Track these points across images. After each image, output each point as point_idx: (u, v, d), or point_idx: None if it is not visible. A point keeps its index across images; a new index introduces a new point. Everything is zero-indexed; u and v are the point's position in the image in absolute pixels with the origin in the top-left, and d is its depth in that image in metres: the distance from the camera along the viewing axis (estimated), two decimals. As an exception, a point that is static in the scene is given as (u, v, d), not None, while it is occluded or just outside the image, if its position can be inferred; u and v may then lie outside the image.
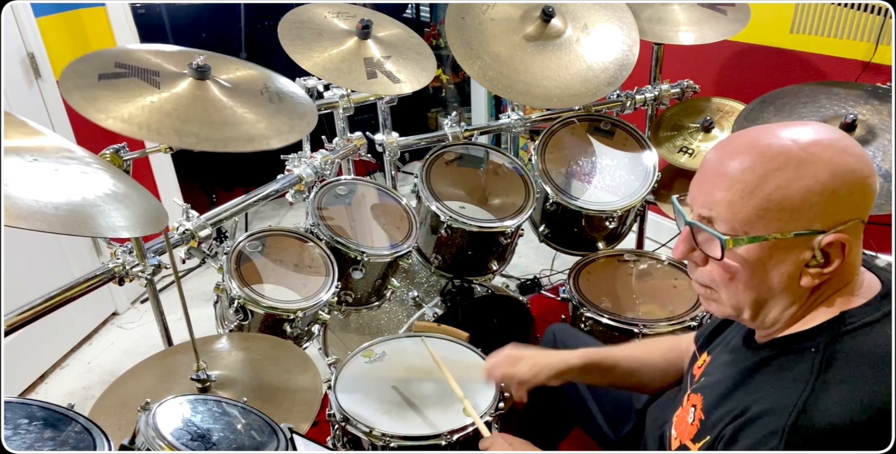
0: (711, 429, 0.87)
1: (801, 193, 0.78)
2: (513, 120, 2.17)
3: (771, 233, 0.80)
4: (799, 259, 0.81)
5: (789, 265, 0.82)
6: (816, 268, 0.81)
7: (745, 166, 0.80)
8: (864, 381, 0.77)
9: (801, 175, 0.78)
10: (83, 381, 2.40)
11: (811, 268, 0.82)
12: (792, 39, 2.37)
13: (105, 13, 2.60)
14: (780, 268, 0.82)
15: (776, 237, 0.80)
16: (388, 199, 1.92)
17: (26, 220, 0.87)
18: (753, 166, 0.80)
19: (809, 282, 0.82)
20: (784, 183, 0.78)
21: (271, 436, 1.07)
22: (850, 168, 0.78)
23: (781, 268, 0.82)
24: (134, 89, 1.29)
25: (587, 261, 2.00)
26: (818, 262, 0.81)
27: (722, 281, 0.87)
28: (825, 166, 0.77)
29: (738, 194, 0.80)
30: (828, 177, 0.77)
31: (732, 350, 0.97)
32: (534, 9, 1.91)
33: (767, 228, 0.80)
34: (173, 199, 1.97)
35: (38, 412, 0.98)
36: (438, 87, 4.24)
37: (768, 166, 0.79)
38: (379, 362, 1.53)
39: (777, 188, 0.78)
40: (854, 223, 0.80)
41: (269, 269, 1.63)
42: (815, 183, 0.77)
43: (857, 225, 0.80)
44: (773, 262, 0.82)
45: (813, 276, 0.82)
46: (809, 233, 0.79)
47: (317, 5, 1.82)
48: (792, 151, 0.79)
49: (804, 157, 0.78)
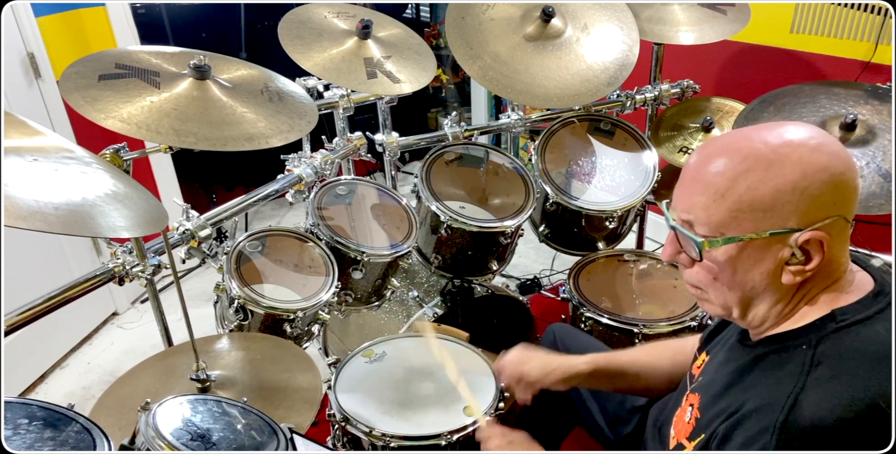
0: (706, 428, 0.88)
1: (771, 193, 0.79)
2: (513, 120, 2.17)
3: (746, 234, 0.82)
4: (778, 257, 0.83)
5: (769, 263, 0.83)
6: (797, 266, 0.83)
7: (718, 170, 0.82)
8: (855, 378, 0.78)
9: (770, 176, 0.79)
10: (83, 381, 2.40)
11: (791, 266, 0.83)
12: (792, 39, 2.37)
13: (105, 13, 2.60)
14: (759, 266, 0.84)
15: (751, 237, 0.82)
16: (388, 199, 1.92)
17: (26, 220, 0.87)
18: (724, 170, 0.82)
19: (791, 280, 0.83)
20: (754, 184, 0.80)
21: (271, 436, 1.07)
22: (822, 166, 0.79)
23: (761, 267, 0.84)
24: (134, 89, 1.29)
25: (587, 261, 2.00)
26: (798, 260, 0.82)
27: (707, 281, 0.89)
28: (795, 166, 0.79)
29: (711, 197, 0.83)
30: (798, 176, 0.79)
31: (728, 349, 0.98)
32: (534, 9, 1.91)
33: (742, 229, 0.82)
34: (173, 199, 1.97)
35: (38, 412, 0.98)
36: (438, 87, 4.24)
37: (738, 169, 0.81)
38: (379, 362, 1.53)
39: (747, 189, 0.80)
40: (834, 220, 0.81)
41: (269, 269, 1.63)
42: (785, 182, 0.79)
43: (837, 222, 0.81)
44: (751, 261, 0.84)
45: (794, 274, 0.83)
46: (785, 232, 0.81)
47: (317, 5, 1.82)
48: (761, 153, 0.81)
49: (773, 158, 0.80)
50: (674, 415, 1.03)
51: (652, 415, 1.25)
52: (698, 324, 1.73)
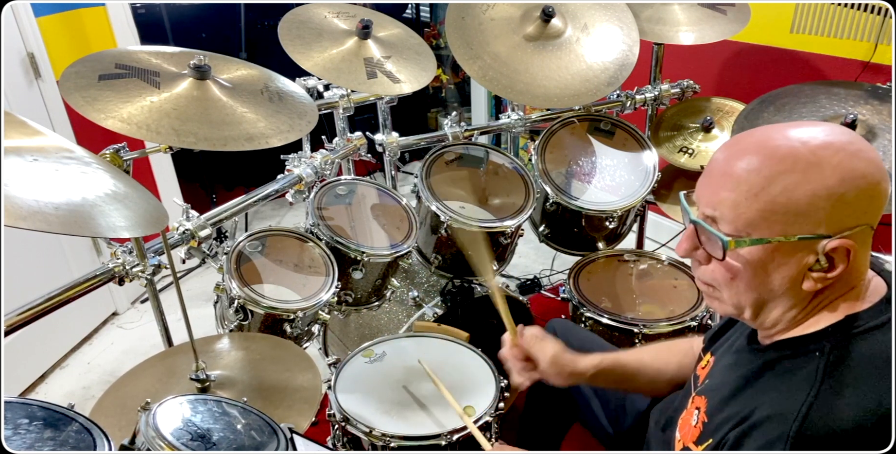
0: (714, 433, 0.87)
1: (807, 197, 0.76)
2: (513, 120, 2.17)
3: (774, 237, 0.79)
4: (802, 263, 0.80)
5: (792, 268, 0.81)
6: (820, 273, 0.80)
7: (752, 167, 0.79)
8: (869, 386, 0.77)
9: (808, 179, 0.76)
10: (83, 381, 2.40)
11: (814, 273, 0.81)
12: (792, 39, 2.37)
13: (105, 13, 2.60)
14: (782, 270, 0.82)
15: (780, 240, 0.79)
16: (388, 199, 1.92)
17: (26, 220, 0.87)
18: (760, 168, 0.79)
19: (812, 287, 0.81)
20: (791, 186, 0.77)
21: (271, 436, 1.07)
22: (860, 173, 0.76)
23: (784, 271, 0.82)
24: (134, 89, 1.29)
25: (587, 261, 2.00)
26: (822, 267, 0.80)
27: (724, 280, 0.87)
28: (834, 170, 0.76)
29: (743, 195, 0.79)
30: (836, 181, 0.76)
31: (736, 351, 0.97)
32: (534, 9, 1.91)
33: (771, 231, 0.79)
34: (173, 199, 1.97)
35: (38, 412, 0.98)
36: (438, 87, 4.24)
37: (775, 168, 0.78)
38: (379, 362, 1.53)
39: (783, 191, 0.77)
40: (862, 229, 0.79)
41: (269, 269, 1.63)
42: (823, 187, 0.76)
43: (864, 230, 0.79)
44: (774, 265, 0.81)
45: (816, 281, 0.81)
46: (814, 238, 0.78)
47: (317, 5, 1.82)
48: (800, 154, 0.77)
49: (812, 160, 0.77)
50: (679, 418, 1.02)
51: (654, 416, 1.24)
52: (698, 324, 1.73)
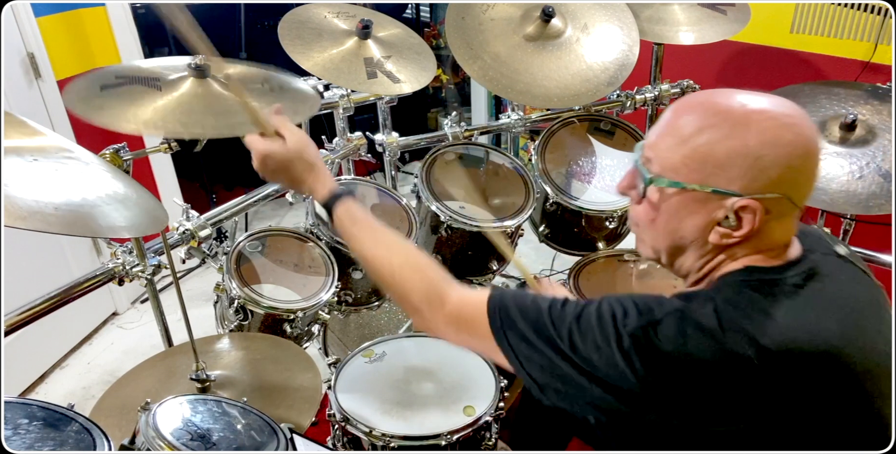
0: None
1: (726, 152, 0.82)
2: (513, 120, 2.17)
3: (690, 183, 0.85)
4: (712, 216, 0.85)
5: (701, 218, 0.86)
6: (726, 229, 0.85)
7: (689, 118, 0.85)
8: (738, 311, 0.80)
9: (731, 135, 0.82)
10: (83, 381, 2.40)
11: (721, 228, 0.86)
12: (792, 39, 2.37)
13: (105, 13, 2.60)
14: (692, 219, 0.87)
15: (694, 188, 0.85)
16: (388, 199, 1.92)
17: (26, 220, 0.87)
18: (695, 119, 0.85)
19: (717, 240, 0.86)
20: (714, 139, 0.82)
21: (271, 437, 1.07)
22: (785, 142, 0.81)
23: (694, 220, 0.87)
24: (137, 95, 1.29)
25: (587, 261, 1.99)
26: (730, 225, 0.85)
27: (645, 221, 0.93)
28: (758, 133, 0.81)
29: (673, 141, 0.86)
30: (756, 143, 0.80)
31: None
32: (534, 9, 1.91)
33: (689, 178, 0.85)
34: (173, 199, 1.97)
35: (38, 412, 0.98)
36: (438, 87, 4.24)
37: (707, 121, 0.84)
38: (379, 362, 1.53)
39: (706, 142, 0.83)
40: (777, 198, 0.82)
41: (269, 269, 1.63)
42: (742, 145, 0.81)
43: (781, 201, 0.83)
44: (687, 212, 0.87)
45: (721, 235, 0.86)
46: (726, 193, 0.83)
47: (317, 5, 1.82)
48: (734, 112, 0.83)
49: (742, 120, 0.82)
50: None
51: None
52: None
